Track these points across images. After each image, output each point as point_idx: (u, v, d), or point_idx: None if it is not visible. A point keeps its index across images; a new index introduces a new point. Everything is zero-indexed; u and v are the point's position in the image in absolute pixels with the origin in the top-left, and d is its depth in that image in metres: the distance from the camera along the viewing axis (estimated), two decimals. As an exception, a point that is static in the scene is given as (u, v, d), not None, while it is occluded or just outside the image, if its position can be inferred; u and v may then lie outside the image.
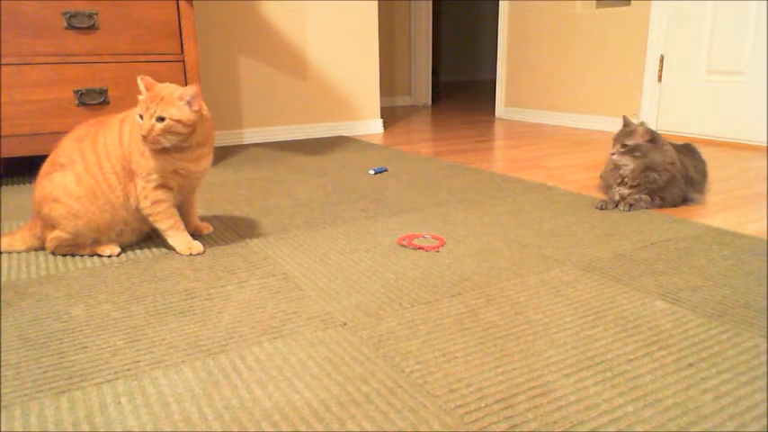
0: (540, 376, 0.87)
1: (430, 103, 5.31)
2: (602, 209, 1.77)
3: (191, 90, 1.32)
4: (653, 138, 1.76)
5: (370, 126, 3.58)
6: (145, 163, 1.35)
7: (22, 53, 2.14)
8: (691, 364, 0.90)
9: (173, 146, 1.33)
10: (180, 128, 1.31)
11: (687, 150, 1.93)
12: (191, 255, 1.42)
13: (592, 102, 3.61)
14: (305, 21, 3.25)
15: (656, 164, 1.75)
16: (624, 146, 1.77)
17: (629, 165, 1.78)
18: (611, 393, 0.83)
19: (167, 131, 1.30)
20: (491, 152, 2.86)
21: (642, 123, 1.78)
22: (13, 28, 2.11)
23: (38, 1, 2.12)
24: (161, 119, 1.29)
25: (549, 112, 3.91)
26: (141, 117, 1.31)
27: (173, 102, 1.31)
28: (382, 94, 5.24)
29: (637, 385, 0.84)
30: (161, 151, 1.35)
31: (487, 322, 1.05)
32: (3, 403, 0.83)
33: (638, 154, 1.76)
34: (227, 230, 1.61)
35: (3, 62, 2.12)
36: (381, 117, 3.68)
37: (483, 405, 0.81)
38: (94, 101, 2.26)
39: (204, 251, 1.44)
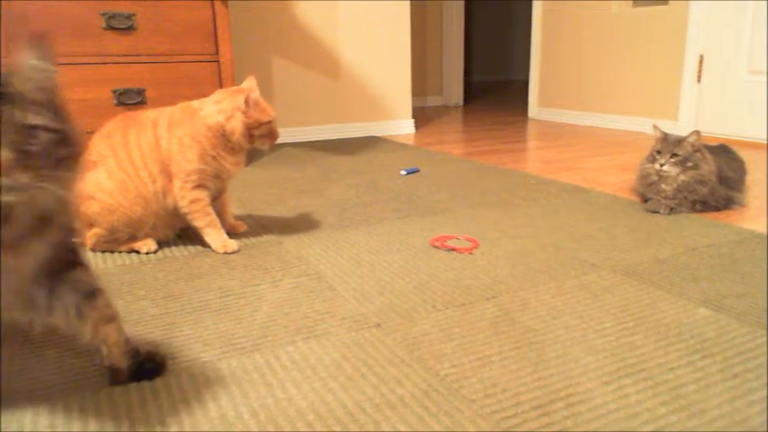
0: (579, 383, 0.85)
1: (462, 103, 5.27)
2: (653, 212, 1.72)
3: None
4: (699, 147, 1.70)
5: (402, 126, 3.57)
6: (186, 165, 1.39)
7: (63, 53, 2.19)
8: (736, 375, 0.87)
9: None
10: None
11: (722, 151, 1.87)
12: (225, 253, 1.43)
13: (628, 102, 3.54)
14: (337, 21, 3.26)
15: (705, 177, 1.68)
16: (675, 155, 1.69)
17: (679, 176, 1.69)
18: (653, 403, 0.80)
19: None
20: (524, 153, 2.83)
21: (696, 132, 1.70)
22: (53, 29, 2.16)
23: (78, 2, 2.17)
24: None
25: (584, 113, 3.85)
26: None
27: None
28: (414, 94, 5.23)
29: (680, 395, 0.82)
30: (215, 156, 1.41)
31: (523, 326, 1.03)
32: (46, 397, 0.84)
33: (689, 165, 1.69)
34: (261, 229, 1.63)
35: (45, 62, 2.17)
36: (413, 117, 3.67)
37: (520, 411, 0.79)
38: (132, 101, 2.30)
39: (239, 249, 1.45)
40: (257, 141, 1.42)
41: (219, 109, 1.39)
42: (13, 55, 0.67)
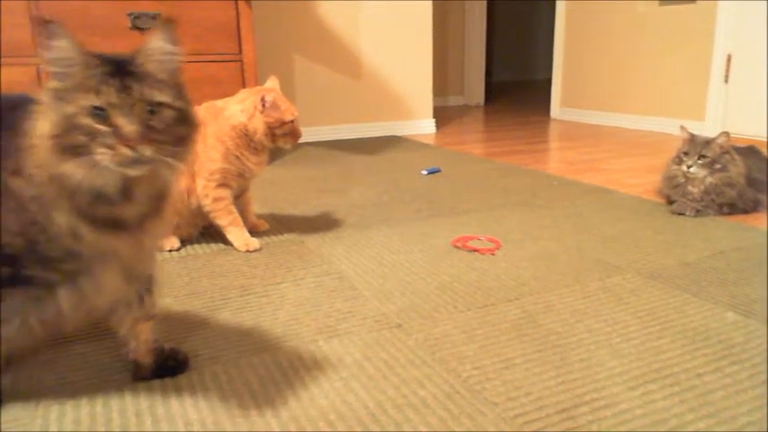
0: (604, 387, 0.84)
1: (483, 103, 5.24)
2: (679, 214, 1.69)
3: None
4: (728, 149, 1.67)
5: (423, 126, 3.56)
6: (210, 165, 1.40)
7: (91, 53, 2.22)
8: (765, 381, 0.85)
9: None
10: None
11: (750, 152, 1.83)
12: (248, 251, 1.44)
13: (653, 103, 3.49)
14: (359, 21, 3.26)
15: (733, 179, 1.65)
16: (703, 157, 1.66)
17: (706, 178, 1.66)
18: (680, 409, 0.79)
19: None
20: (546, 154, 2.80)
21: (725, 133, 1.67)
22: (82, 28, 2.19)
23: (106, 2, 2.20)
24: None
25: (608, 113, 3.80)
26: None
27: None
28: (435, 93, 5.20)
29: (708, 401, 0.80)
30: (239, 155, 1.42)
31: (546, 329, 1.02)
32: (71, 392, 0.86)
33: (718, 167, 1.66)
34: (283, 228, 1.63)
35: (72, 62, 2.20)
36: (434, 117, 3.66)
37: (544, 415, 0.78)
38: (156, 99, 2.32)
39: (261, 248, 1.46)
40: (280, 140, 1.43)
41: (242, 108, 1.40)
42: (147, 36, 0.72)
